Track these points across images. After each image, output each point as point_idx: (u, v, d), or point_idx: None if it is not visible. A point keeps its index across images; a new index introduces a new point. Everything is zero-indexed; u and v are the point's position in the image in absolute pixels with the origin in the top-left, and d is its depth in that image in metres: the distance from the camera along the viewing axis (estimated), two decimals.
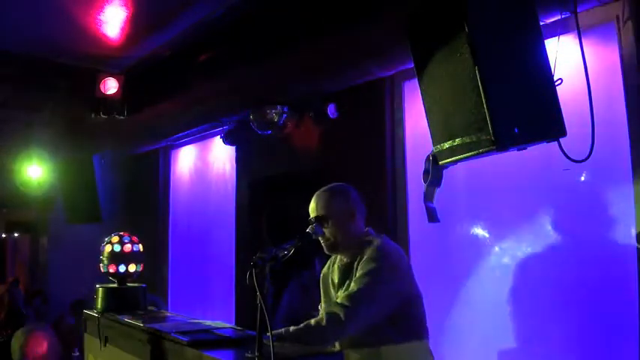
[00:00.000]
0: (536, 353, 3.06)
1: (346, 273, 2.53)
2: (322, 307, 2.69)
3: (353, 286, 2.38)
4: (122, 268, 3.46)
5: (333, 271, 2.67)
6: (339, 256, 2.64)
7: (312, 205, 2.59)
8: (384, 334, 2.38)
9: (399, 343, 2.40)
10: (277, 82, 4.20)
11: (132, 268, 3.49)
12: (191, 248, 6.22)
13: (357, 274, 2.40)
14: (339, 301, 2.36)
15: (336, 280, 2.61)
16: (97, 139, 6.18)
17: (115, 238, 3.52)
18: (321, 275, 2.76)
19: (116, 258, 3.46)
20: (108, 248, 3.48)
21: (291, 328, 2.33)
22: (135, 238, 3.57)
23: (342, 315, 2.28)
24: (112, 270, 3.46)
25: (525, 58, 2.38)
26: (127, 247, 3.49)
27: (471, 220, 3.44)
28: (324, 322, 2.30)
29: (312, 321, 2.34)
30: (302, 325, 2.35)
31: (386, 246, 2.50)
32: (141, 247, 3.57)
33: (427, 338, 2.51)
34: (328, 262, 2.76)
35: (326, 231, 2.53)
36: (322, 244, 2.59)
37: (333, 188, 2.64)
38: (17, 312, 6.20)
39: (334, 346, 2.50)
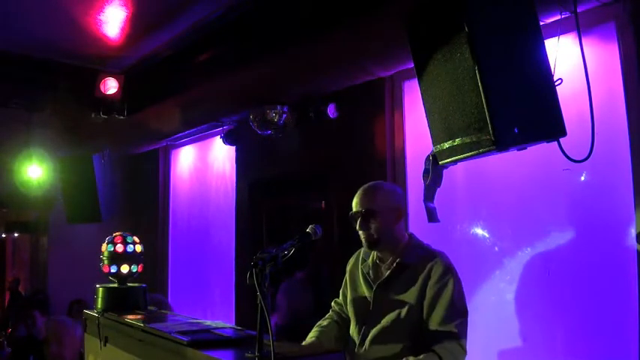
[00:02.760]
0: (536, 353, 3.06)
1: (397, 277, 2.50)
2: (349, 305, 2.67)
3: (448, 313, 2.38)
4: (122, 268, 3.46)
5: (367, 267, 2.63)
6: (374, 253, 2.63)
7: (357, 199, 2.56)
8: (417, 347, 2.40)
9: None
10: (277, 82, 4.20)
11: (132, 268, 3.49)
12: (191, 248, 6.22)
13: (443, 297, 2.40)
14: (446, 336, 2.35)
15: (372, 276, 2.59)
16: (97, 139, 6.18)
17: (116, 238, 3.52)
18: (348, 270, 2.75)
19: (116, 258, 3.45)
20: (108, 248, 3.48)
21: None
22: (135, 238, 3.57)
23: (455, 349, 2.35)
24: (112, 270, 3.46)
25: (525, 58, 2.38)
26: (127, 247, 3.49)
27: (471, 220, 3.44)
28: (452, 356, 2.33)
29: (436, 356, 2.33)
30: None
31: (450, 261, 2.53)
32: (141, 247, 3.57)
33: None
34: (354, 257, 2.75)
35: (371, 226, 2.51)
36: (362, 239, 2.56)
37: (383, 185, 2.63)
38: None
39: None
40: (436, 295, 2.41)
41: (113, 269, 3.46)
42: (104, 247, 3.47)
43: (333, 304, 2.87)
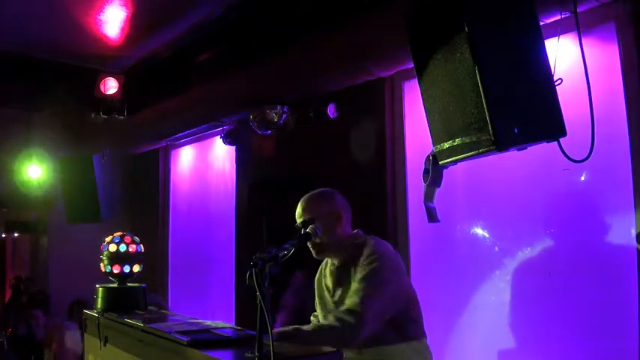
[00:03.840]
0: (536, 353, 3.06)
1: (341, 276, 2.52)
2: (318, 312, 2.68)
3: (357, 289, 2.35)
4: (122, 268, 3.46)
5: (325, 275, 2.65)
6: (329, 261, 2.63)
7: (298, 211, 2.58)
8: (385, 335, 2.38)
9: (397, 343, 2.39)
10: (277, 82, 4.20)
11: (132, 268, 3.49)
12: (191, 248, 6.22)
13: (358, 276, 2.38)
14: (347, 307, 2.31)
15: (330, 285, 2.59)
16: (97, 139, 6.18)
17: (115, 238, 3.52)
18: (315, 280, 2.76)
19: (116, 258, 3.46)
20: (108, 248, 3.48)
21: (303, 329, 2.31)
22: (135, 238, 3.57)
23: (353, 321, 2.26)
24: (112, 270, 3.46)
25: (525, 58, 2.38)
26: (127, 247, 3.49)
27: (471, 220, 3.44)
28: (338, 326, 2.27)
29: (325, 325, 2.32)
30: (313, 327, 2.33)
31: (382, 246, 2.49)
32: (141, 247, 3.57)
33: (425, 337, 2.51)
34: (320, 267, 2.75)
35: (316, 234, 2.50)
36: (310, 249, 2.57)
37: (317, 192, 2.62)
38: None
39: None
40: (358, 274, 2.39)
41: (113, 269, 3.46)
42: (113, 247, 3.46)
43: (312, 318, 2.82)
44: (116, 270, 3.45)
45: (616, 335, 2.74)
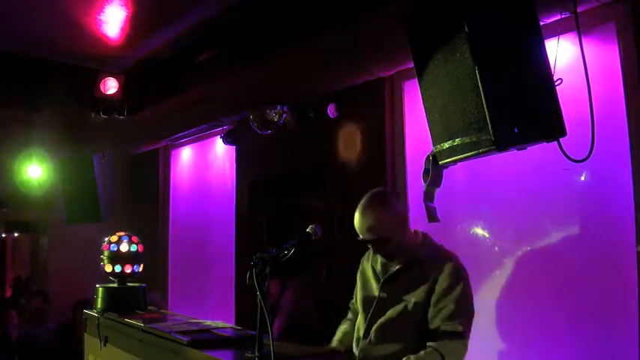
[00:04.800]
0: (536, 353, 3.06)
1: (407, 274, 2.52)
2: (358, 299, 2.69)
3: (454, 313, 2.40)
4: (133, 267, 3.48)
5: (376, 262, 2.66)
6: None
7: (363, 225, 2.51)
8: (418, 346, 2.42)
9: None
10: (277, 82, 4.20)
11: (132, 268, 3.50)
12: (191, 248, 6.22)
13: (452, 298, 2.42)
14: (453, 329, 2.39)
15: (379, 269, 2.61)
16: (97, 139, 6.18)
17: (116, 238, 3.53)
18: (360, 268, 2.77)
19: (116, 258, 3.46)
20: (119, 247, 3.49)
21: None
22: (135, 238, 3.58)
23: (465, 343, 2.41)
24: (112, 270, 3.47)
25: (525, 58, 2.38)
26: (127, 247, 3.50)
27: (471, 220, 3.44)
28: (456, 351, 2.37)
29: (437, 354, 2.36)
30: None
31: (458, 258, 2.58)
32: (141, 247, 3.58)
33: None
34: (367, 254, 2.76)
35: (387, 247, 2.52)
36: (382, 258, 2.59)
37: (378, 202, 2.56)
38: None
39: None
40: (445, 291, 2.43)
41: (113, 269, 3.47)
42: (125, 246, 3.47)
43: (350, 305, 2.90)
44: (128, 270, 3.47)
45: (616, 335, 2.74)
